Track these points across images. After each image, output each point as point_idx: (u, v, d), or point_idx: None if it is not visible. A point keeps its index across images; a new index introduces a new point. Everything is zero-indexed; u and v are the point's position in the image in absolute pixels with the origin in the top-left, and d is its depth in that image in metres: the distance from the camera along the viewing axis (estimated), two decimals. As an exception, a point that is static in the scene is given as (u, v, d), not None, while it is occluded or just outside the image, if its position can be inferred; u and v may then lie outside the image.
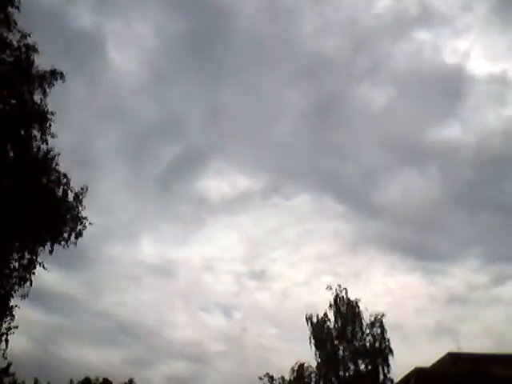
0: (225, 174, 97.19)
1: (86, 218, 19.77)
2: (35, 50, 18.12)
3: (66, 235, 19.30)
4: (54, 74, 18.58)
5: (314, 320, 40.76)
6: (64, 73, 18.86)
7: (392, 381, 37.61)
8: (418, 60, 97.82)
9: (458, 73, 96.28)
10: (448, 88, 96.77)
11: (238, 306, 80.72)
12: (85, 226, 19.74)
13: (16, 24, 17.73)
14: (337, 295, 41.08)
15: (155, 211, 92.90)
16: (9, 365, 25.86)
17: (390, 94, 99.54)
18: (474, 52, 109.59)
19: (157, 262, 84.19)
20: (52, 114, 18.68)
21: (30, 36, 18.10)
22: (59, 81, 18.62)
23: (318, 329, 40.40)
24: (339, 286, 41.26)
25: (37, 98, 18.34)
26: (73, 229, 19.36)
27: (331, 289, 41.00)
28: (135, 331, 72.06)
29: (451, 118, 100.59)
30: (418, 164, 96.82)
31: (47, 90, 18.41)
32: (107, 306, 71.64)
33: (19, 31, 17.88)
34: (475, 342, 62.50)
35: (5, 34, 17.63)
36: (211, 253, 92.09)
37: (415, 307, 74.78)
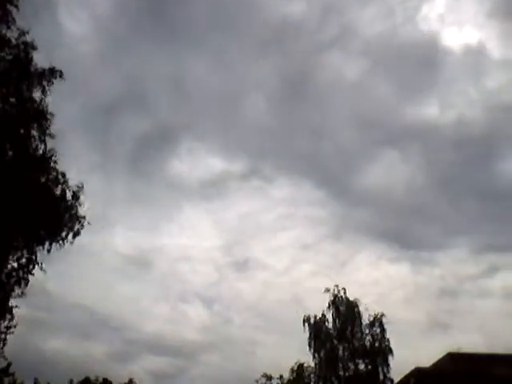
0: (198, 154, 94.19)
1: (84, 217, 19.68)
2: (34, 48, 18.01)
3: (63, 234, 19.22)
4: (53, 72, 18.44)
5: (312, 321, 40.55)
6: (63, 71, 18.77)
7: (392, 381, 37.50)
8: (390, 26, 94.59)
9: (432, 41, 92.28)
10: (423, 58, 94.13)
11: (219, 296, 78.75)
12: (83, 226, 19.66)
13: (15, 21, 17.62)
14: (335, 296, 40.89)
15: (126, 196, 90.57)
16: (9, 364, 25.68)
17: (362, 65, 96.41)
18: (449, 19, 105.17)
19: (132, 252, 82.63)
20: (51, 114, 18.61)
21: (28, 33, 18.01)
22: (58, 79, 18.51)
23: (317, 329, 40.18)
24: (337, 286, 41.13)
25: (36, 96, 18.24)
26: (71, 228, 19.27)
27: (329, 290, 40.81)
28: (114, 324, 70.01)
29: (428, 93, 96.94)
30: (397, 145, 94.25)
31: (46, 88, 18.28)
32: (83, 299, 68.64)
33: (18, 28, 17.81)
34: (468, 336, 60.39)
35: (3, 32, 17.52)
36: (188, 241, 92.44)
37: (404, 299, 73.88)
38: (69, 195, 19.27)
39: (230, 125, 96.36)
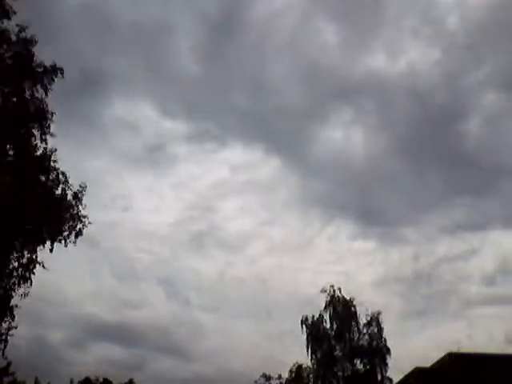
0: (133, 109, 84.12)
1: (86, 217, 19.41)
2: (34, 43, 17.65)
3: (65, 234, 19.00)
4: (55, 70, 18.13)
5: (310, 321, 40.43)
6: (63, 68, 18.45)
7: (390, 380, 37.53)
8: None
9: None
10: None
11: (176, 275, 74.59)
12: (85, 225, 19.40)
13: (15, 13, 17.23)
14: (332, 296, 40.78)
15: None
16: (8, 364, 25.38)
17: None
18: None
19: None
20: (52, 114, 18.30)
21: (27, 28, 17.67)
22: (59, 76, 18.20)
23: (315, 330, 40.08)
24: (332, 286, 41.05)
25: (38, 94, 17.91)
26: (73, 227, 19.03)
27: (326, 291, 40.73)
28: (64, 309, 63.42)
29: (373, 39, 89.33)
30: (351, 104, 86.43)
31: (48, 86, 17.96)
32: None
33: (17, 24, 17.49)
34: (445, 325, 57.39)
35: (4, 25, 17.17)
36: (139, 215, 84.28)
37: (374, 281, 68.64)
38: (69, 195, 18.99)
39: (162, 78, 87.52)
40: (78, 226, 19.06)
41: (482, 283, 77.71)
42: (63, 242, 18.77)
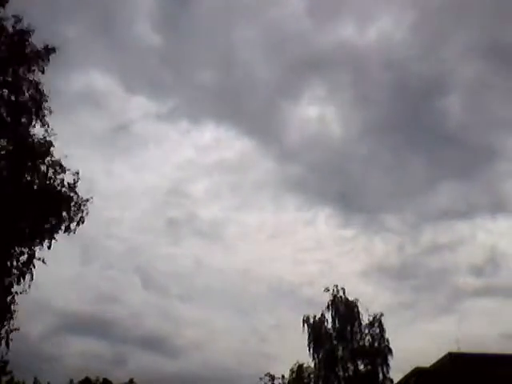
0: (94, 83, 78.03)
1: (87, 200, 18.76)
2: (29, 35, 17.68)
3: (63, 227, 18.66)
4: (48, 51, 17.94)
5: (312, 321, 40.41)
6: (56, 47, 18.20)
7: (392, 381, 37.47)
8: None
9: None
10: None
11: (150, 264, 70.86)
12: (87, 213, 18.78)
13: (8, 1, 17.19)
14: (334, 296, 40.74)
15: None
16: (6, 363, 25.39)
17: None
18: None
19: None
20: (49, 111, 18.03)
21: (23, 18, 17.66)
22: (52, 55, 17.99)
23: (316, 330, 40.05)
24: (336, 286, 40.99)
25: (35, 77, 17.74)
26: (71, 218, 18.67)
27: (328, 290, 40.65)
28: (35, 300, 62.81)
29: (342, 5, 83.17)
30: (324, 78, 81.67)
31: (44, 68, 17.85)
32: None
33: (13, 16, 17.49)
34: (434, 319, 54.80)
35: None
36: (104, 199, 75.98)
37: (356, 270, 64.49)
38: (66, 186, 18.65)
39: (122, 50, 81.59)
40: (79, 215, 18.57)
41: (471, 274, 75.75)
42: (62, 232, 18.42)
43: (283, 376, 43.64)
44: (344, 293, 40.47)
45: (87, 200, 18.77)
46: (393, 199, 71.87)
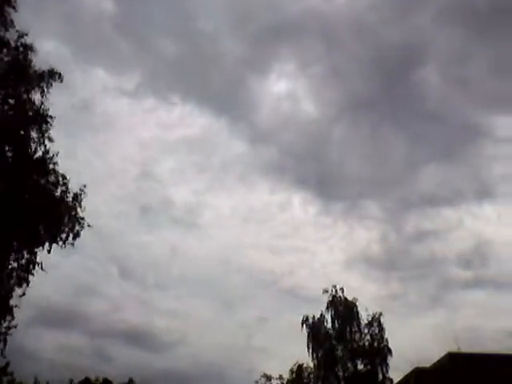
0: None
1: (83, 219, 19.61)
2: (32, 50, 17.99)
3: (64, 236, 19.20)
4: (52, 75, 18.38)
5: (311, 321, 40.64)
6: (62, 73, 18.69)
7: (391, 380, 37.73)
8: None
9: None
10: None
11: (124, 253, 69.25)
12: (82, 227, 19.60)
13: (13, 23, 17.58)
14: (334, 296, 40.97)
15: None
16: (7, 364, 25.51)
17: None
18: None
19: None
20: (51, 117, 18.53)
21: (27, 35, 17.99)
22: (57, 81, 18.47)
23: (316, 330, 40.31)
24: (335, 286, 41.23)
25: (35, 98, 18.20)
26: (71, 229, 19.24)
27: (327, 291, 40.93)
28: None
29: None
30: (292, 49, 75.80)
31: (45, 90, 18.23)
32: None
33: (17, 31, 17.78)
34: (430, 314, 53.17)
35: (1, 34, 17.46)
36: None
37: (338, 260, 63.41)
38: (69, 197, 19.21)
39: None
40: (77, 228, 19.25)
41: (458, 265, 70.47)
42: (61, 243, 18.96)
43: (281, 376, 43.87)
44: (343, 293, 40.95)
45: (83, 218, 19.40)
46: (373, 184, 69.12)
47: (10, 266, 18.13)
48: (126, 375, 46.71)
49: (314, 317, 40.68)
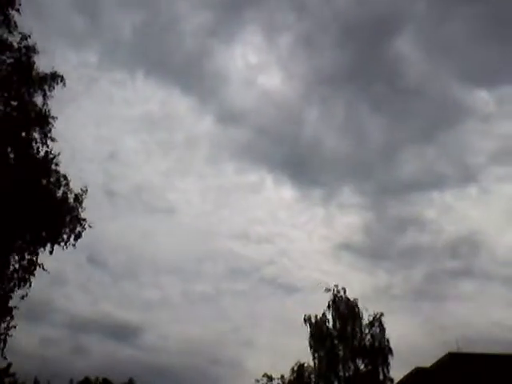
0: None
1: (85, 220, 19.74)
2: (35, 52, 18.13)
3: (65, 236, 19.32)
4: (55, 77, 18.57)
5: (313, 321, 40.76)
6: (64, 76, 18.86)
7: (392, 380, 37.83)
8: None
9: None
10: None
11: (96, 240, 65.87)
12: (84, 228, 19.71)
13: (16, 26, 17.74)
14: (335, 295, 41.08)
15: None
16: (9, 365, 25.67)
17: None
18: None
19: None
20: (53, 118, 18.73)
21: (30, 37, 18.14)
22: (60, 84, 18.66)
23: (317, 329, 40.43)
24: (337, 286, 41.33)
25: (37, 100, 18.37)
26: (72, 230, 19.35)
27: (329, 290, 40.99)
28: None
29: None
30: (260, 20, 71.01)
31: (48, 92, 18.41)
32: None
33: (20, 33, 17.94)
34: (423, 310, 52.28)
35: (5, 36, 17.64)
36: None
37: (316, 248, 61.48)
38: (71, 198, 19.35)
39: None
40: (78, 229, 19.38)
41: (444, 255, 68.23)
42: (62, 243, 19.11)
43: (282, 376, 44.03)
44: (345, 292, 41.08)
45: (84, 219, 19.46)
46: (351, 168, 66.00)
47: (11, 267, 18.24)
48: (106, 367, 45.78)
49: (316, 316, 40.88)
